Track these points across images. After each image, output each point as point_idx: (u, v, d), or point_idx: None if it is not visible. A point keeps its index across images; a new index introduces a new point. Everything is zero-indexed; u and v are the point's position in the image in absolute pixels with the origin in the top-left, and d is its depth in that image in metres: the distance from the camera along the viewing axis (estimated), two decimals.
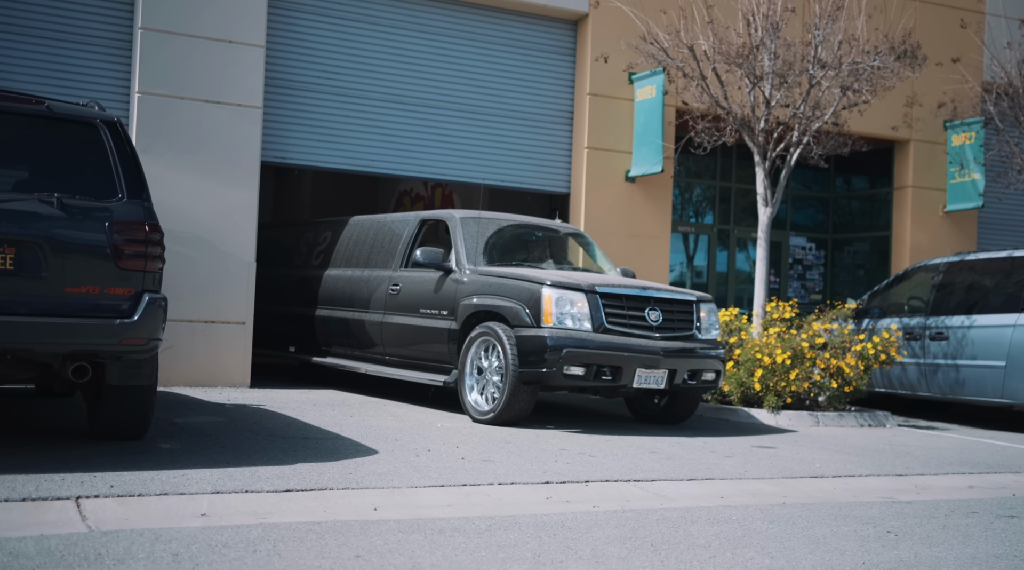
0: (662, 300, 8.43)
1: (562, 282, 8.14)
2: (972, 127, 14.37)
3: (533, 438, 7.48)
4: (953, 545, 4.62)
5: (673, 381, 8.21)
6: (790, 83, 11.36)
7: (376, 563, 3.82)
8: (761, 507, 5.38)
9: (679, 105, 12.74)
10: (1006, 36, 14.16)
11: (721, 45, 11.28)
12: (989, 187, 14.58)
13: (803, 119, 11.40)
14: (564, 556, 4.07)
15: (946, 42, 14.23)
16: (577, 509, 5.06)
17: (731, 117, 11.43)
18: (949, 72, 14.19)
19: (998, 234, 15.43)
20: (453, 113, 12.39)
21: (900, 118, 14.05)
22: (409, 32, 12.15)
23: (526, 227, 10.00)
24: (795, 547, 4.43)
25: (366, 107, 11.88)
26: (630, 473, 6.19)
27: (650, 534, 4.55)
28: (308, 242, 11.50)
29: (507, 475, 5.84)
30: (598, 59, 12.63)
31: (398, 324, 9.32)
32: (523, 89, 12.84)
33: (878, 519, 5.15)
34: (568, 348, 7.82)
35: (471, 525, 4.53)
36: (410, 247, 9.65)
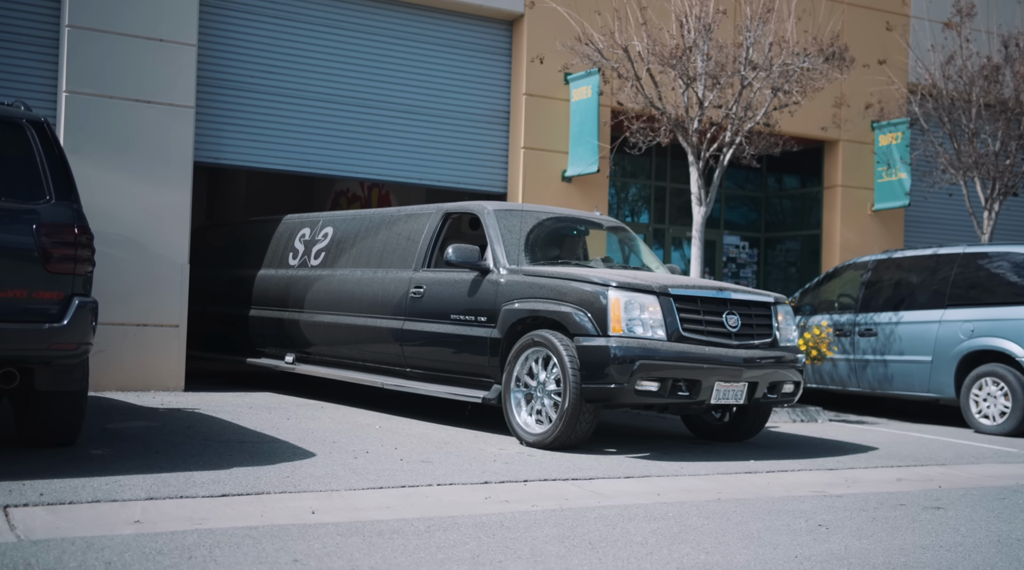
0: (740, 303, 7.42)
1: (630, 283, 7.08)
2: (898, 127, 14.71)
3: (472, 438, 7.49)
4: (882, 537, 4.73)
5: (753, 395, 7.25)
6: (722, 84, 11.52)
7: (314, 567, 3.80)
8: (697, 503, 5.46)
9: (614, 105, 12.85)
10: (930, 39, 14.52)
11: (655, 46, 11.40)
12: (915, 186, 14.95)
13: (735, 119, 11.57)
14: (503, 556, 4.09)
15: (873, 44, 14.56)
16: (516, 509, 5.08)
17: (665, 117, 11.56)
18: (876, 74, 14.51)
19: (924, 232, 15.83)
20: (390, 113, 12.34)
21: (829, 119, 14.34)
22: (345, 32, 12.07)
23: (567, 221, 8.95)
24: (730, 542, 4.51)
25: (302, 107, 11.78)
26: (568, 472, 6.23)
27: (588, 532, 4.59)
28: (303, 239, 10.24)
29: (446, 476, 5.84)
30: (534, 59, 12.68)
31: (423, 332, 8.19)
32: (460, 89, 12.84)
33: (810, 513, 5.26)
34: (641, 360, 6.78)
35: (410, 526, 4.53)
36: (433, 244, 8.52)
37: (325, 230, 9.91)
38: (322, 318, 9.35)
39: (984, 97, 13.62)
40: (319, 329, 9.39)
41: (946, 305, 10.39)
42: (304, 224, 10.32)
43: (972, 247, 10.71)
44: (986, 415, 9.82)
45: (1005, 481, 6.79)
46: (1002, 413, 9.68)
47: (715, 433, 8.15)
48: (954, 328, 10.20)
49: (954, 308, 10.30)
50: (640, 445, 7.60)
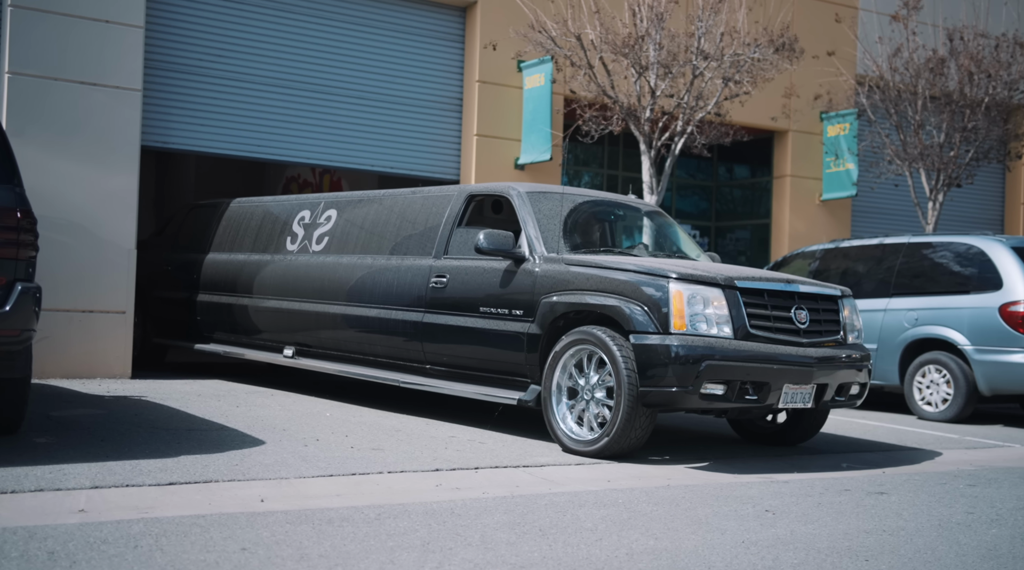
0: (808, 296, 6.82)
1: (693, 275, 6.43)
2: (846, 118, 14.91)
3: (423, 426, 7.48)
4: (827, 522, 4.81)
5: (821, 398, 6.67)
6: (674, 74, 11.59)
7: (263, 556, 3.77)
8: (646, 490, 5.51)
9: (567, 93, 12.86)
10: (878, 31, 14.72)
11: (608, 35, 11.43)
12: (862, 177, 15.17)
13: (687, 109, 11.65)
14: (453, 543, 4.09)
15: (822, 36, 14.72)
16: (467, 496, 5.09)
17: (618, 106, 11.60)
18: (825, 65, 14.68)
19: (870, 222, 16.08)
20: (342, 98, 12.25)
21: (779, 109, 14.49)
22: (296, 16, 11.95)
23: (605, 204, 8.22)
24: (678, 528, 4.55)
25: (252, 91, 11.65)
26: (520, 459, 6.25)
27: (538, 519, 4.61)
28: (302, 222, 9.41)
29: (397, 463, 5.83)
30: (487, 47, 12.65)
31: (447, 326, 7.48)
32: (412, 75, 12.78)
33: (757, 499, 5.33)
34: (708, 361, 6.14)
35: (360, 514, 4.51)
36: (453, 229, 7.78)
37: (328, 213, 9.14)
38: (327, 309, 8.58)
39: (929, 89, 13.85)
40: (323, 321, 8.65)
41: (891, 294, 10.56)
42: (303, 206, 9.54)
43: (917, 237, 10.89)
44: (929, 402, 10.01)
45: (946, 467, 6.94)
46: (944, 400, 9.87)
47: (767, 437, 7.53)
48: (899, 317, 10.38)
49: (899, 297, 10.48)
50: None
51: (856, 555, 4.15)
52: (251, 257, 9.73)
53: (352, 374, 8.28)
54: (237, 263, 9.85)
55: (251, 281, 9.56)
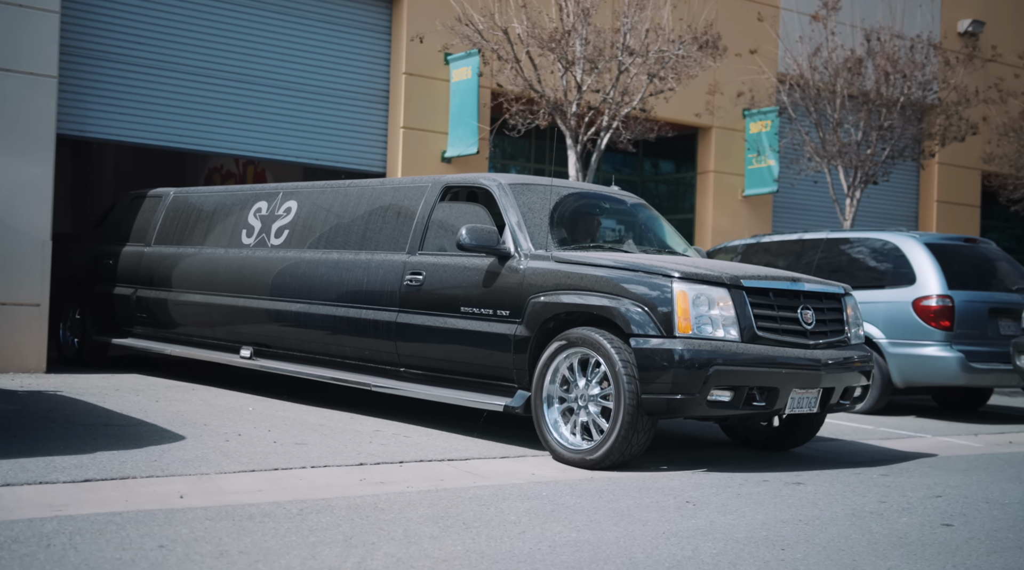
0: (813, 295, 6.54)
1: (697, 273, 6.09)
2: (768, 116, 15.18)
3: (348, 420, 7.43)
4: (745, 512, 4.90)
5: (828, 403, 6.42)
6: (600, 69, 11.67)
7: (181, 553, 3.72)
8: (570, 482, 5.55)
9: (494, 87, 12.86)
10: (798, 30, 15.00)
11: (534, 29, 11.46)
12: (783, 173, 15.46)
13: (612, 104, 11.74)
14: (376, 537, 4.08)
15: (744, 34, 14.95)
16: (391, 490, 5.08)
17: (544, 100, 11.65)
18: (747, 63, 14.92)
19: (791, 217, 16.41)
20: (266, 89, 12.09)
21: (703, 106, 14.69)
22: (220, 3, 11.74)
23: (590, 197, 7.85)
24: (601, 520, 4.60)
25: (173, 80, 11.42)
26: (444, 453, 6.25)
27: (462, 512, 4.62)
28: (258, 214, 8.84)
29: (320, 458, 5.79)
30: (413, 39, 12.59)
31: (424, 327, 7.04)
32: (338, 66, 12.66)
33: (678, 490, 5.41)
34: (716, 366, 5.84)
35: (282, 510, 4.47)
36: (428, 223, 7.31)
37: (287, 205, 8.60)
38: (289, 307, 8.10)
39: (848, 88, 14.16)
40: (285, 320, 8.17)
41: None
42: (259, 197, 8.98)
43: (835, 233, 11.14)
44: None
45: (861, 457, 7.12)
46: None
47: (762, 441, 7.22)
48: None
49: None
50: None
51: (773, 544, 4.24)
52: (202, 251, 9.20)
53: (317, 376, 7.83)
54: (186, 257, 9.32)
55: (203, 276, 9.05)
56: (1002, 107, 17.62)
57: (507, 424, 7.66)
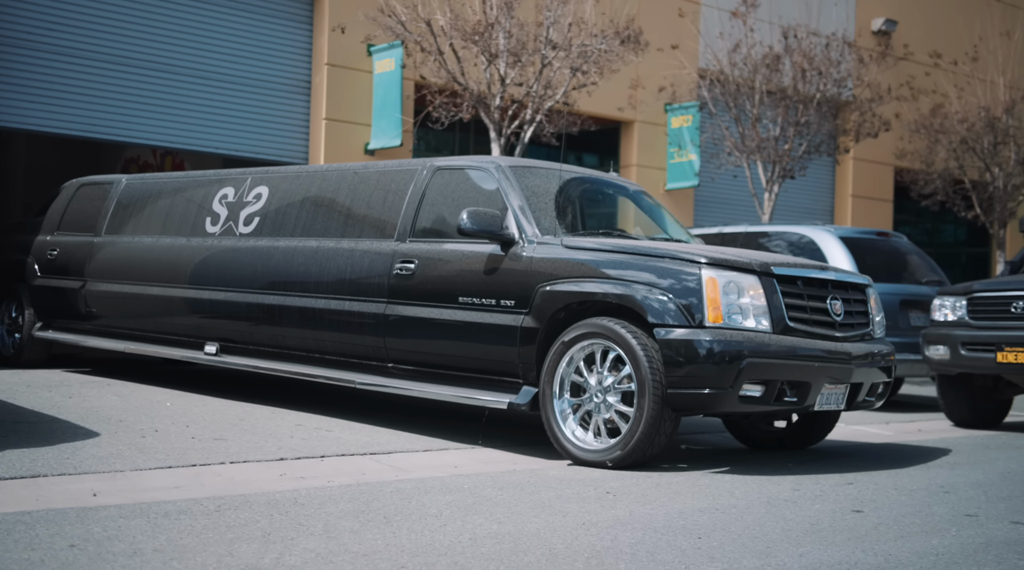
0: (841, 284, 6.29)
1: (725, 260, 5.78)
2: (689, 111, 15.39)
3: (269, 414, 7.35)
4: (664, 502, 4.98)
5: (855, 399, 6.18)
6: (523, 62, 11.71)
7: (92, 552, 3.64)
8: (492, 475, 5.57)
9: (418, 79, 12.82)
10: (718, 26, 15.23)
11: (458, 21, 11.45)
12: (704, 167, 15.69)
13: (536, 98, 11.79)
14: (295, 533, 4.04)
15: (666, 29, 15.13)
16: (311, 485, 5.03)
17: (468, 93, 11.64)
18: (669, 58, 15.10)
19: (711, 211, 16.67)
20: (184, 78, 11.86)
21: (625, 100, 14.83)
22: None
23: (593, 182, 7.44)
24: (522, 511, 4.63)
25: (87, 68, 11.14)
26: (367, 447, 6.22)
27: (383, 506, 4.60)
28: (224, 201, 8.29)
29: (240, 453, 5.72)
30: (335, 29, 12.49)
31: (417, 319, 6.60)
32: (258, 56, 12.49)
33: (599, 481, 5.46)
34: (749, 359, 5.53)
35: (199, 506, 4.40)
36: (419, 209, 6.88)
37: (257, 190, 8.09)
38: (262, 300, 7.61)
39: (766, 84, 14.44)
40: (257, 313, 7.68)
41: None
42: (224, 182, 8.46)
43: (753, 227, 11.35)
44: None
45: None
46: None
47: (773, 442, 6.94)
48: None
49: None
50: None
51: (690, 533, 4.31)
52: (160, 241, 8.64)
53: (293, 374, 7.39)
54: (143, 247, 8.76)
55: (162, 267, 8.50)
56: (913, 104, 18.14)
57: (432, 417, 7.65)
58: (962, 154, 19.02)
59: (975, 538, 4.42)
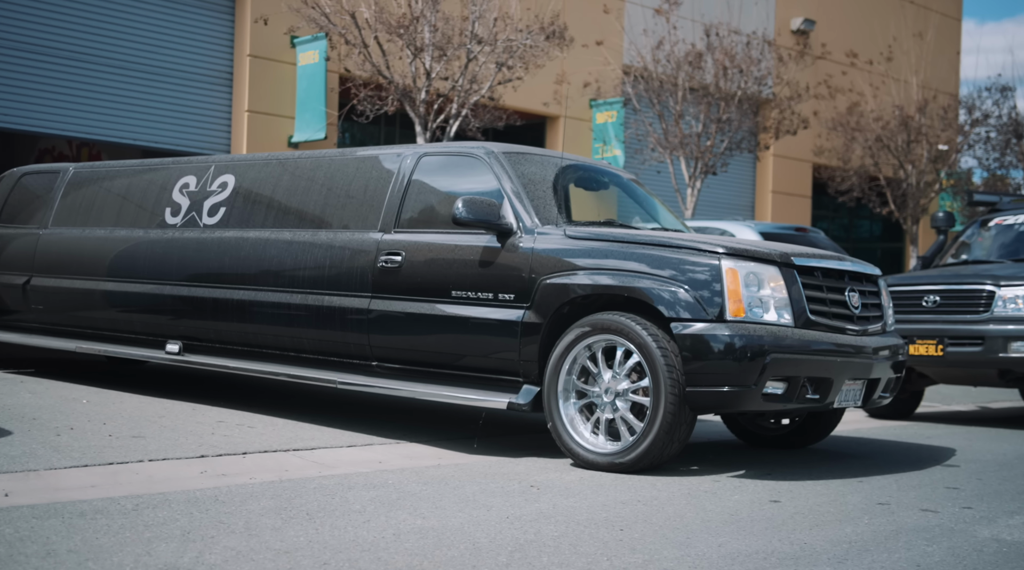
0: (857, 276, 6.09)
1: (745, 250, 5.52)
2: (613, 107, 15.53)
3: (189, 411, 7.23)
4: (587, 494, 5.03)
5: (871, 396, 6.01)
6: (449, 56, 11.69)
7: (3, 553, 3.55)
8: (417, 470, 5.56)
9: (342, 72, 12.73)
10: (642, 23, 15.39)
11: (382, 14, 11.38)
12: (628, 163, 15.85)
13: (461, 92, 11.78)
14: (216, 531, 3.99)
15: (591, 26, 15.24)
16: (233, 482, 4.97)
17: (393, 87, 11.58)
18: (594, 54, 15.22)
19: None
20: (100, 68, 11.59)
21: (551, 95, 14.90)
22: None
23: (589, 170, 7.11)
24: (446, 506, 4.64)
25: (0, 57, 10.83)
26: (290, 443, 6.16)
27: (306, 503, 4.57)
28: (186, 191, 7.85)
29: (159, 451, 5.62)
30: (257, 20, 12.32)
31: (405, 315, 6.27)
32: (178, 46, 12.27)
33: (523, 475, 5.49)
34: (773, 354, 5.28)
35: (116, 506, 4.32)
36: (404, 198, 6.53)
37: (222, 179, 7.66)
38: (230, 295, 7.22)
39: (689, 81, 14.64)
40: (224, 310, 7.28)
41: None
42: (185, 171, 7.99)
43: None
44: None
45: (697, 439, 7.38)
46: None
47: (774, 440, 6.76)
48: None
49: None
50: None
51: (612, 525, 4.37)
52: (115, 233, 8.17)
53: (268, 373, 6.99)
54: (95, 240, 8.27)
55: (117, 261, 8.05)
56: (831, 103, 18.56)
57: (356, 412, 7.61)
58: (877, 152, 19.53)
59: (886, 525, 4.56)
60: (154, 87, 11.93)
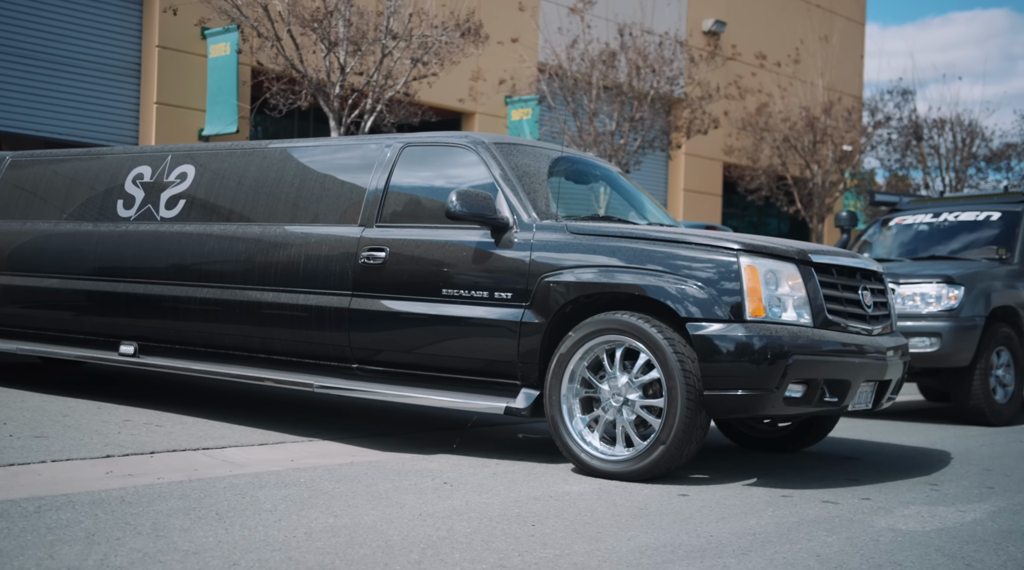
0: (869, 273, 5.92)
1: (760, 246, 5.29)
2: (529, 104, 15.62)
3: (95, 409, 7.07)
4: (500, 491, 5.07)
5: (881, 398, 5.84)
6: (364, 51, 11.63)
7: None
8: (329, 468, 5.54)
9: (255, 65, 12.55)
10: (557, 22, 15.51)
11: (296, 7, 11.27)
12: None
13: (376, 87, 11.72)
14: (122, 533, 3.93)
15: (506, 23, 15.30)
16: (140, 482, 4.89)
17: (306, 81, 11.47)
18: (510, 51, 15.28)
19: None
20: (3, 57, 11.23)
21: (466, 92, 14.93)
22: None
23: (580, 163, 6.85)
24: (358, 504, 4.63)
25: None
26: (200, 441, 6.07)
27: (216, 502, 4.52)
28: (140, 182, 7.42)
29: (63, 451, 5.49)
30: (167, 11, 12.08)
31: (391, 314, 6.00)
32: (83, 36, 11.96)
33: (436, 472, 5.51)
34: (796, 355, 5.08)
35: (17, 508, 4.21)
36: (387, 191, 6.22)
37: (181, 170, 7.24)
38: (193, 293, 6.84)
39: (603, 80, 14.81)
40: (185, 309, 6.90)
41: None
42: (138, 161, 7.56)
43: None
44: None
45: None
46: None
47: (770, 443, 6.61)
48: None
49: None
50: None
51: (524, 521, 4.41)
52: (60, 226, 7.73)
53: (235, 376, 6.62)
54: (38, 234, 7.82)
55: (63, 257, 7.61)
56: (741, 103, 18.95)
57: (268, 409, 7.53)
58: (785, 152, 20.02)
59: (789, 517, 4.70)
60: (59, 78, 11.61)
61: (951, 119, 23.31)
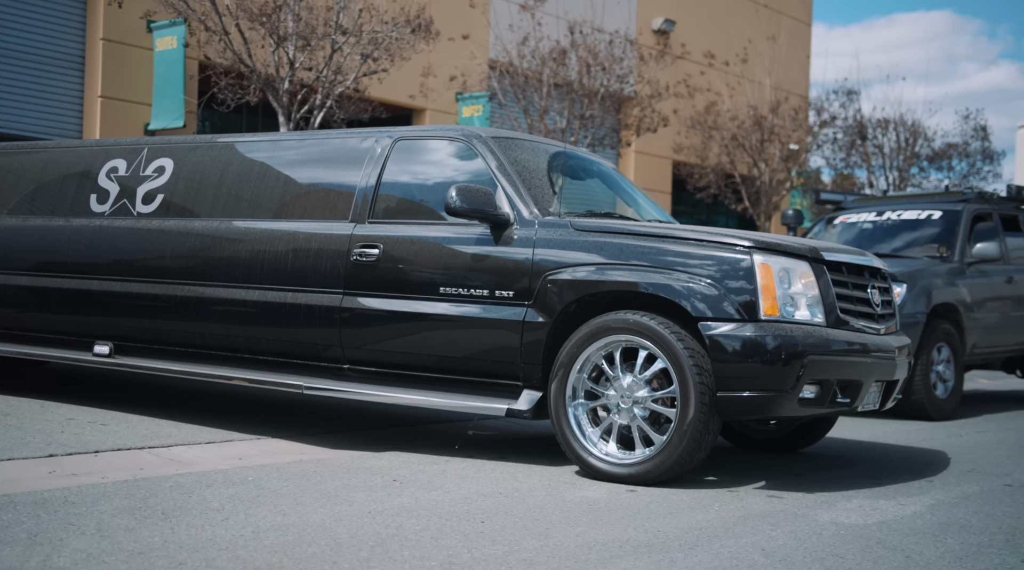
0: (874, 271, 5.85)
1: (773, 243, 5.19)
2: (479, 100, 15.62)
3: (37, 408, 6.96)
4: (449, 488, 5.08)
5: (887, 399, 5.74)
6: (313, 46, 11.56)
7: None
8: (278, 466, 5.51)
9: (202, 59, 12.41)
10: (508, 18, 15.53)
11: (244, 1, 11.15)
12: None
13: (326, 83, 11.65)
14: (65, 533, 3.87)
15: (457, 19, 15.29)
16: (84, 482, 4.82)
17: (255, 76, 11.37)
18: (461, 48, 15.27)
19: None
20: None
21: (417, 88, 14.89)
22: None
23: (578, 159, 6.69)
24: (307, 502, 4.61)
25: None
26: (145, 440, 6.01)
27: (162, 502, 4.47)
28: (114, 176, 7.17)
29: (4, 451, 5.40)
30: (112, 3, 11.90)
31: (386, 313, 5.82)
32: (27, 28, 11.74)
33: (386, 469, 5.50)
34: (812, 355, 4.98)
35: None
36: (379, 186, 6.05)
37: (158, 163, 7.00)
38: (173, 291, 6.62)
39: (553, 78, 14.86)
40: (167, 307, 6.67)
41: None
42: (112, 154, 7.30)
43: None
44: None
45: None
46: None
47: (768, 443, 6.51)
48: None
49: None
50: None
51: (473, 518, 4.43)
52: (29, 221, 7.45)
53: (219, 377, 6.41)
54: (6, 230, 7.54)
55: (33, 253, 7.34)
56: (690, 102, 19.12)
57: (216, 407, 7.46)
58: (733, 150, 20.24)
59: (735, 512, 4.77)
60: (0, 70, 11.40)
61: (895, 119, 23.75)
